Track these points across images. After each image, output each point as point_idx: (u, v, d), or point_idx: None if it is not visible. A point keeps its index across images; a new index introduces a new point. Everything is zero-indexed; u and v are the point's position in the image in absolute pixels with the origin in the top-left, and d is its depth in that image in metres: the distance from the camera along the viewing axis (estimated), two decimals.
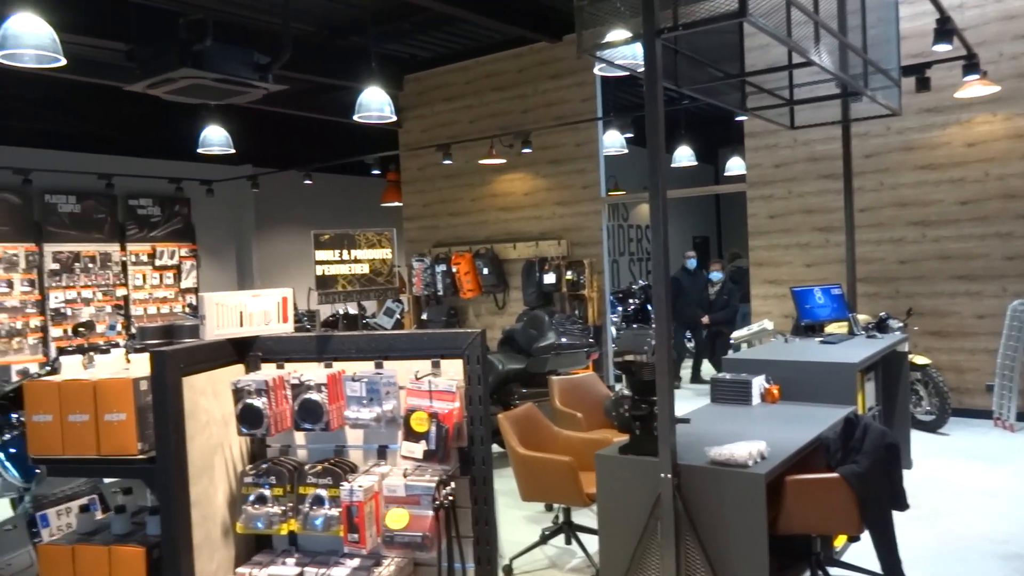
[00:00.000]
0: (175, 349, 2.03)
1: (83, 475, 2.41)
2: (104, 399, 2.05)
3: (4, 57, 5.47)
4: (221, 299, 2.21)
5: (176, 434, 2.00)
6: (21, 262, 11.63)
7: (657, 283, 2.85)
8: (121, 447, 2.04)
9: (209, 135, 9.05)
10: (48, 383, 2.09)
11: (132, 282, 12.85)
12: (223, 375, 2.22)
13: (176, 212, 13.45)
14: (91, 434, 2.05)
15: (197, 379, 2.10)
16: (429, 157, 11.24)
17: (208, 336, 2.20)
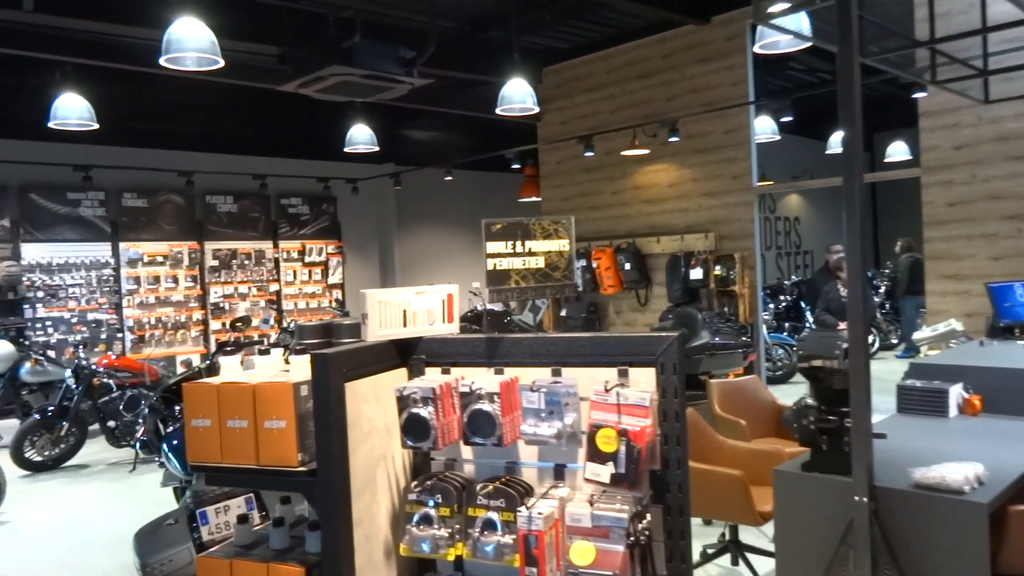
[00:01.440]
0: (338, 352, 1.84)
1: (242, 486, 2.29)
2: (263, 404, 1.89)
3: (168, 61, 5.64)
4: (384, 296, 2.00)
5: (339, 445, 1.81)
6: (185, 259, 12.35)
7: (853, 278, 2.43)
8: (281, 457, 1.87)
9: (355, 134, 9.20)
10: (207, 385, 1.96)
11: (284, 278, 13.39)
12: (386, 380, 2.01)
13: (324, 210, 13.89)
14: (250, 442, 1.90)
15: (360, 384, 1.91)
16: (568, 150, 10.97)
17: (371, 337, 2.01)
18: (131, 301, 11.79)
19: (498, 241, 1.99)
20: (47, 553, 5.33)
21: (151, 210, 11.98)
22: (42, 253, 11.02)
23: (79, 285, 11.33)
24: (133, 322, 11.79)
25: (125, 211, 11.75)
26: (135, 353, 11.46)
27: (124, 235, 11.73)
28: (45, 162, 10.27)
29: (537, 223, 2.02)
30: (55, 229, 11.13)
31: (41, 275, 10.98)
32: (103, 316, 11.54)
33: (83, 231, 11.38)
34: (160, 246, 12.07)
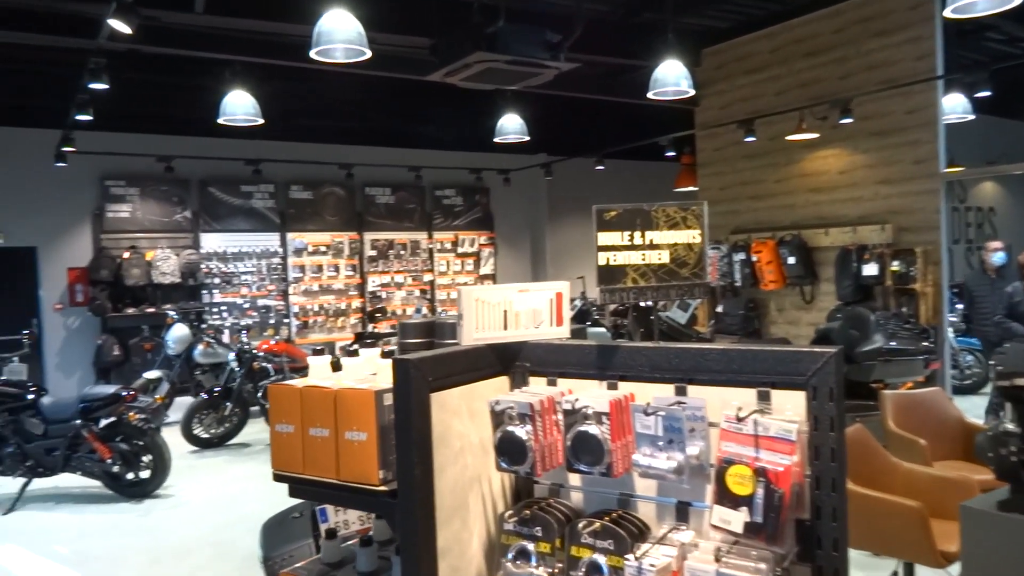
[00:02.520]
0: (422, 357, 1.60)
1: (322, 501, 2.13)
2: (344, 413, 1.70)
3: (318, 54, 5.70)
4: (482, 294, 1.75)
5: (422, 463, 1.58)
6: (345, 249, 12.83)
7: None
8: (361, 473, 1.67)
9: (505, 123, 9.08)
10: (289, 388, 1.79)
11: (437, 268, 13.61)
12: (482, 391, 1.76)
13: (476, 201, 13.98)
14: (331, 453, 1.71)
15: (450, 395, 1.67)
16: (728, 136, 10.29)
17: (465, 340, 1.76)
18: (296, 288, 12.40)
19: (612, 232, 1.67)
20: (200, 529, 5.59)
21: (315, 202, 12.53)
22: (218, 242, 11.80)
23: (251, 273, 12.05)
24: (298, 308, 12.39)
25: (292, 203, 12.36)
26: (300, 338, 12.06)
27: (291, 225, 12.35)
28: (221, 157, 10.95)
29: (661, 210, 1.69)
30: (230, 220, 11.89)
31: (217, 263, 11.76)
32: (272, 302, 12.21)
33: (254, 222, 12.09)
34: (323, 236, 12.60)
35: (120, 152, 10.43)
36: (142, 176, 11.04)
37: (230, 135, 9.86)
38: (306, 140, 11.81)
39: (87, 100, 6.96)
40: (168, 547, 5.26)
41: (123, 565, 4.97)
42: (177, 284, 11.20)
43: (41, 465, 6.30)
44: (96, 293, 10.72)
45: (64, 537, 5.53)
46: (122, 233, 11.07)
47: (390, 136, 12.66)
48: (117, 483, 6.39)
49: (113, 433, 6.30)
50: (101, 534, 5.58)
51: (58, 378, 10.69)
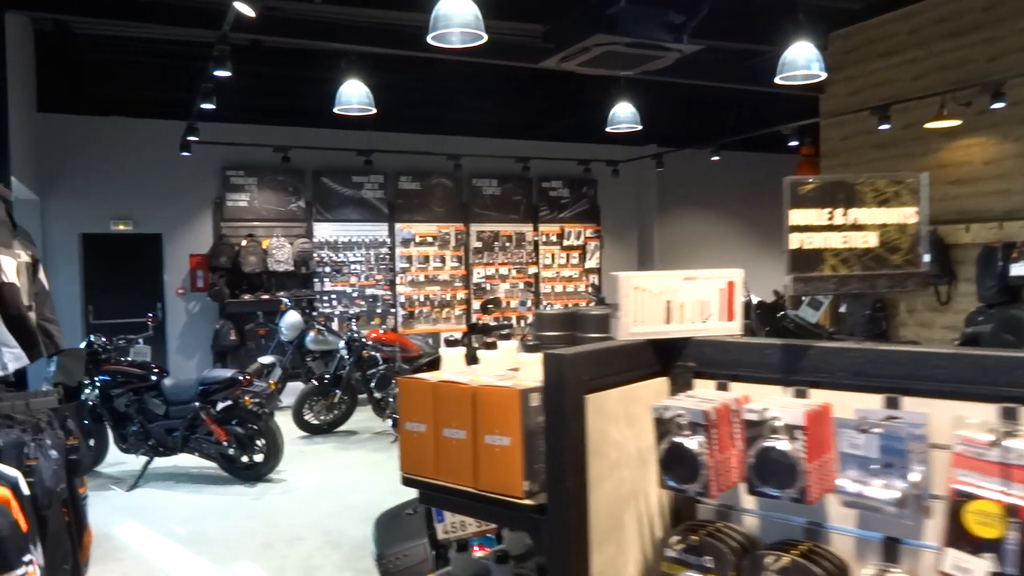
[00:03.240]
0: (579, 352, 1.38)
1: (457, 511, 1.94)
2: (484, 413, 1.49)
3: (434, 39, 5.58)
4: (643, 282, 1.51)
5: (576, 476, 1.36)
6: (452, 240, 12.83)
7: None
8: (503, 483, 1.47)
9: (618, 112, 8.77)
10: (422, 382, 1.61)
11: (542, 261, 13.43)
12: (640, 393, 1.52)
13: (583, 194, 13.70)
14: (468, 459, 1.52)
15: (606, 397, 1.43)
16: (856, 125, 9.62)
17: (622, 334, 1.53)
18: (403, 279, 12.48)
19: (808, 208, 1.40)
20: (310, 516, 5.60)
21: (423, 193, 12.58)
22: (330, 232, 12.02)
23: (360, 262, 12.21)
24: (405, 298, 12.48)
25: (400, 193, 12.44)
26: (406, 328, 12.14)
27: (399, 216, 12.43)
28: (334, 147, 11.11)
29: (868, 183, 1.40)
30: (341, 210, 12.07)
31: (328, 252, 11.97)
32: (379, 292, 12.34)
33: (364, 212, 12.23)
34: (430, 227, 12.64)
35: (240, 143, 10.74)
36: (260, 166, 11.35)
37: (343, 126, 9.97)
38: (416, 131, 11.85)
39: (211, 89, 7.12)
40: (280, 533, 5.28)
41: (237, 548, 5.02)
42: (290, 272, 11.46)
43: (162, 445, 6.49)
44: (215, 279, 11.10)
45: (182, 516, 5.65)
46: (240, 221, 11.41)
47: (498, 127, 12.56)
48: (232, 466, 6.51)
49: (229, 416, 6.42)
50: (217, 516, 5.68)
51: (179, 360, 11.13)
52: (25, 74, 9.82)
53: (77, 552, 3.82)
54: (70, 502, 3.81)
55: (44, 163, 10.30)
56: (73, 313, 10.61)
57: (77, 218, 10.63)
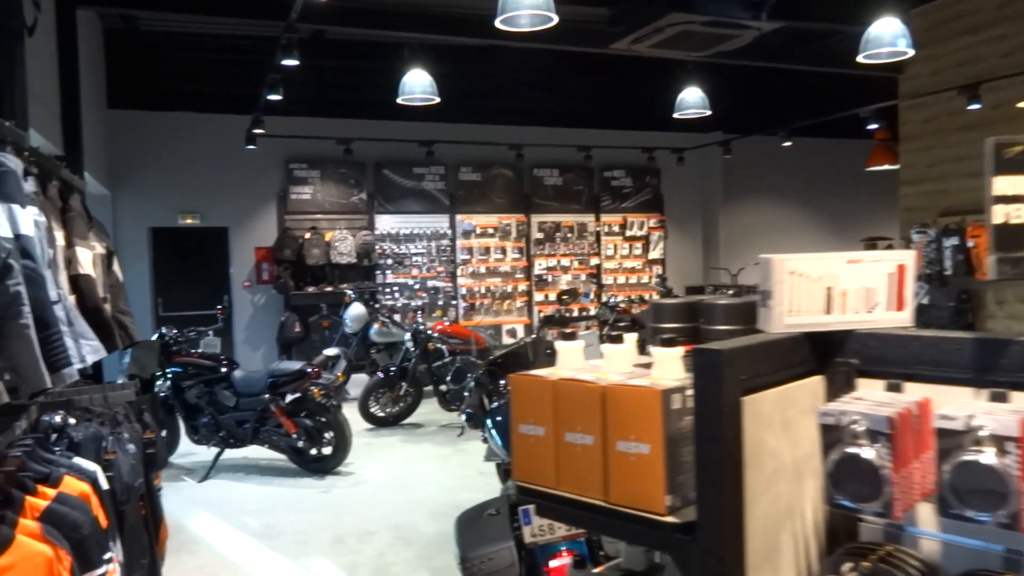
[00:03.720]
0: (736, 348, 1.18)
1: (582, 526, 1.76)
2: (617, 417, 1.31)
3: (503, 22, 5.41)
4: (800, 266, 1.30)
5: (732, 492, 1.17)
6: (513, 231, 12.67)
7: None
8: (639, 497, 1.28)
9: (686, 97, 8.46)
10: (539, 380, 1.43)
11: (604, 252, 13.17)
12: (796, 395, 1.32)
13: (646, 183, 13.39)
14: (597, 468, 1.33)
15: (763, 399, 1.24)
16: (939, 106, 9.11)
17: (775, 326, 1.32)
18: (464, 270, 12.38)
19: (1016, 175, 1.17)
20: (380, 510, 5.51)
21: (484, 183, 12.44)
22: (391, 224, 11.98)
23: (421, 254, 12.15)
24: (466, 290, 12.38)
25: (461, 184, 12.33)
26: (466, 320, 12.04)
27: (460, 207, 12.33)
28: (396, 139, 11.05)
29: None
30: (402, 201, 12.03)
31: (390, 244, 11.94)
32: (440, 284, 12.27)
33: (426, 203, 12.17)
34: (491, 218, 12.50)
35: (303, 135, 10.76)
36: (323, 159, 11.37)
37: (405, 117, 9.88)
38: (477, 122, 11.71)
39: (278, 80, 7.08)
40: (351, 527, 5.20)
41: (309, 542, 4.96)
42: (353, 264, 11.47)
43: (232, 436, 6.50)
44: (280, 272, 11.17)
45: (253, 509, 5.63)
46: (304, 214, 11.46)
47: (560, 116, 12.34)
48: (301, 458, 6.49)
49: (298, 408, 6.39)
50: (287, 508, 5.64)
51: (245, 352, 11.25)
52: (96, 72, 10.00)
53: (154, 546, 3.79)
54: (147, 495, 3.78)
55: (115, 159, 10.49)
56: (144, 305, 10.80)
57: (147, 212, 10.81)
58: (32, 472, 2.56)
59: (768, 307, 1.34)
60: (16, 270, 2.19)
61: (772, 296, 1.32)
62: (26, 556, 2.07)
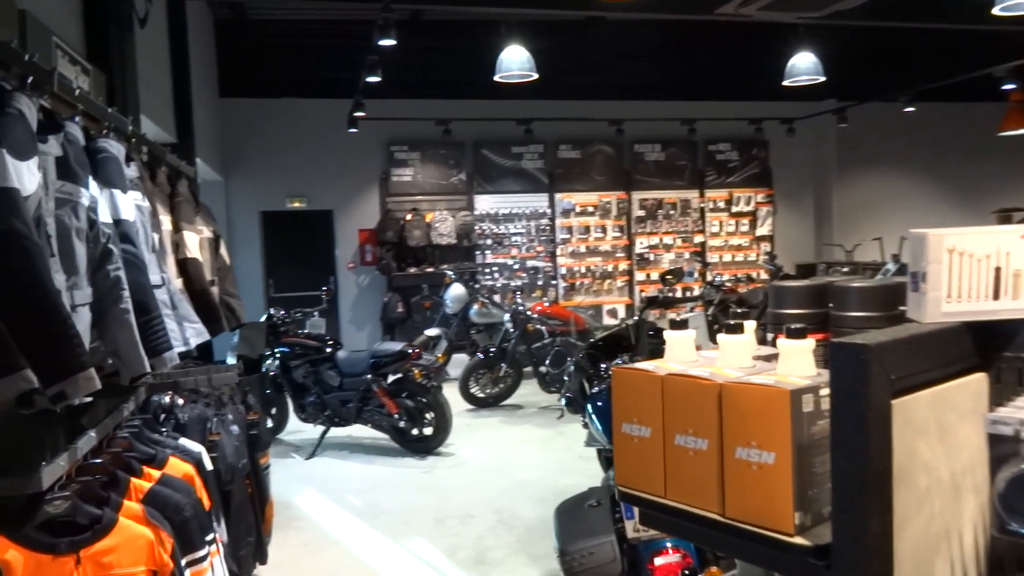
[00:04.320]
0: (885, 342, 0.99)
1: (694, 540, 1.59)
2: (737, 419, 1.14)
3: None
4: (962, 242, 1.09)
5: (880, 512, 0.98)
6: (613, 209, 12.40)
7: None
8: (763, 513, 1.11)
9: (797, 63, 7.96)
10: (646, 375, 1.27)
11: (708, 229, 12.71)
12: (954, 396, 1.11)
13: (753, 156, 12.80)
14: (711, 477, 1.17)
15: (916, 403, 1.04)
16: None
17: (930, 315, 1.12)
18: (564, 250, 12.23)
19: None
20: (481, 493, 5.48)
21: (583, 161, 12.22)
22: (490, 204, 11.95)
23: (520, 234, 12.07)
24: (565, 270, 12.23)
25: (560, 162, 12.15)
26: (566, 301, 11.90)
27: (559, 186, 12.16)
28: (494, 118, 10.97)
29: None
30: (501, 181, 11.96)
31: (489, 224, 11.91)
32: (540, 264, 12.16)
33: (524, 183, 12.06)
34: (590, 196, 12.27)
35: (403, 117, 10.84)
36: (422, 140, 11.43)
37: (503, 96, 9.77)
38: (575, 98, 11.48)
39: (376, 62, 7.10)
40: (451, 509, 5.19)
41: (410, 522, 4.97)
42: (453, 245, 11.51)
43: (337, 415, 6.62)
44: (383, 253, 11.34)
45: (356, 487, 5.71)
46: (405, 196, 11.57)
47: (661, 89, 11.94)
48: (403, 438, 6.54)
49: (400, 389, 6.43)
50: (390, 488, 5.69)
51: (350, 332, 11.51)
52: (208, 62, 10.36)
53: (260, 524, 3.87)
54: (253, 475, 3.86)
55: (227, 146, 10.87)
56: (255, 287, 11.22)
57: (257, 197, 11.17)
58: (138, 453, 2.61)
59: (921, 292, 1.13)
60: (116, 255, 2.20)
61: (926, 279, 1.11)
62: (128, 539, 2.09)
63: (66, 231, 1.98)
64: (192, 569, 2.39)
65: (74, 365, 1.66)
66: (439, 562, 4.39)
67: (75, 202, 2.04)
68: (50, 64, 3.40)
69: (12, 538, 1.90)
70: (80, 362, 1.67)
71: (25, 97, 1.88)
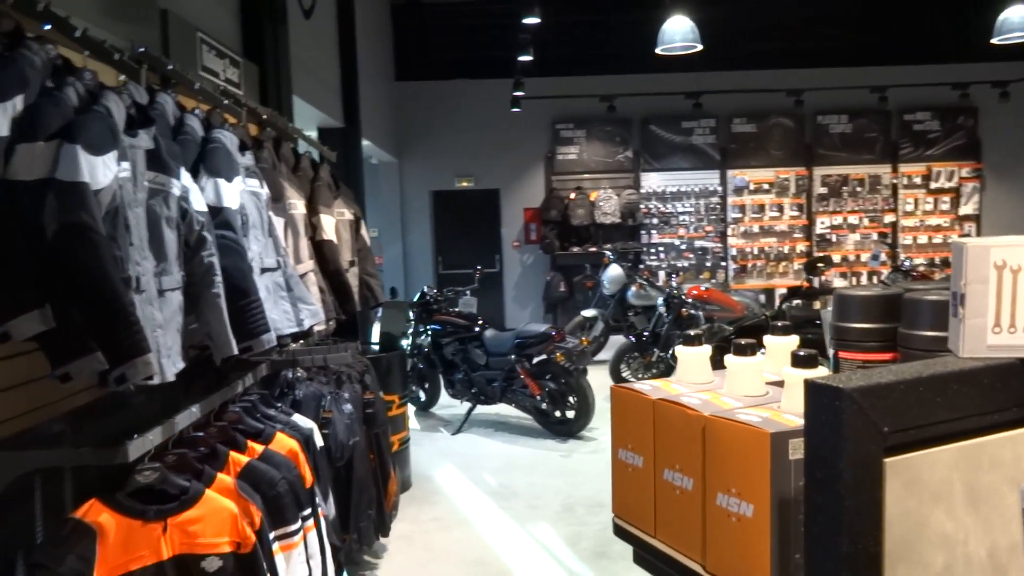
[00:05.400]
0: (870, 386, 0.78)
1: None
2: (718, 460, 0.96)
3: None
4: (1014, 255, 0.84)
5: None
6: (791, 186, 11.61)
7: None
8: (739, 572, 0.93)
9: (1010, 16, 6.98)
10: (638, 397, 1.12)
11: (901, 207, 11.55)
12: (996, 453, 0.87)
13: (958, 125, 11.43)
14: (695, 520, 1.00)
15: (930, 460, 0.82)
16: None
17: (969, 348, 0.88)
18: (735, 230, 11.65)
19: None
20: None
21: (759, 135, 11.52)
22: (657, 182, 11.61)
23: (688, 213, 11.64)
24: (736, 251, 11.65)
25: (734, 137, 11.54)
26: (737, 283, 11.34)
27: (732, 162, 11.57)
28: (661, 92, 10.59)
29: None
30: (669, 158, 11.57)
31: (656, 203, 11.58)
32: (708, 244, 11.67)
33: (694, 159, 11.59)
34: (766, 173, 11.57)
35: (567, 95, 10.74)
36: (588, 118, 11.28)
37: (669, 69, 9.39)
38: (749, 67, 10.80)
39: (528, 40, 7.05)
40: (582, 496, 5.11)
41: (539, 506, 4.95)
42: (617, 224, 11.31)
43: (483, 393, 6.73)
44: (546, 232, 11.38)
45: (493, 466, 5.77)
46: (569, 174, 11.50)
47: (847, 54, 10.93)
48: (545, 419, 6.53)
49: (543, 371, 6.42)
50: (525, 469, 5.70)
51: (514, 310, 11.69)
52: (384, 47, 10.84)
53: (383, 499, 4.01)
54: (376, 451, 4.00)
55: (400, 128, 11.34)
56: (426, 263, 11.68)
57: (428, 177, 11.59)
58: (247, 427, 2.76)
59: (960, 319, 0.89)
60: (210, 242, 2.31)
61: (966, 301, 0.87)
62: (213, 511, 2.21)
63: (156, 219, 2.10)
64: (281, 543, 2.50)
65: (133, 350, 1.75)
66: (560, 550, 4.33)
67: (166, 192, 2.16)
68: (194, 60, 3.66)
69: (107, 503, 2.06)
70: (139, 348, 1.76)
71: (113, 94, 2.00)
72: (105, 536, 2.03)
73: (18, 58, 1.85)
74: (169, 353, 2.10)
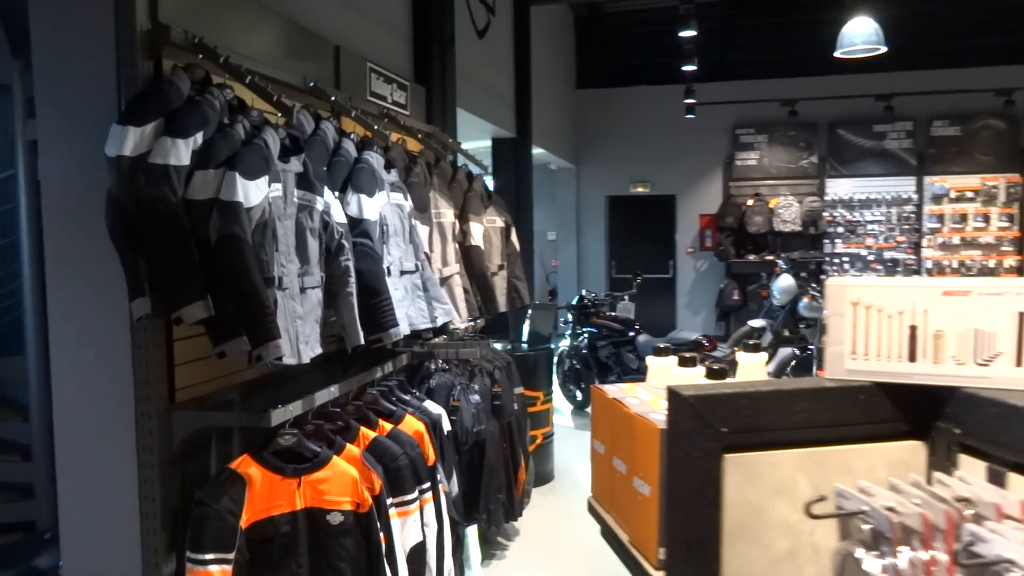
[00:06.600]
0: (710, 395, 0.98)
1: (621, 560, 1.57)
2: (633, 449, 1.18)
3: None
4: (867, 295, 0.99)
5: (707, 565, 0.98)
6: (1000, 194, 10.60)
7: None
8: (640, 541, 1.14)
9: None
10: (603, 396, 1.35)
11: None
12: (850, 461, 1.01)
13: None
14: (627, 499, 1.22)
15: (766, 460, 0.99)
16: None
17: (831, 370, 1.03)
18: (931, 241, 10.82)
19: None
20: None
21: (964, 139, 10.60)
22: (845, 188, 11.05)
23: (878, 222, 10.98)
24: (932, 264, 10.81)
25: (933, 141, 10.72)
26: None
27: (930, 168, 10.75)
28: (848, 95, 10.10)
29: None
30: (858, 164, 10.97)
31: (842, 210, 11.04)
32: (900, 255, 10.94)
33: (887, 165, 10.90)
34: (970, 179, 10.63)
35: (747, 100, 10.54)
36: (769, 122, 10.99)
37: (857, 70, 8.95)
38: (949, 66, 9.99)
39: (692, 50, 7.10)
40: None
41: None
42: (797, 232, 10.92)
43: None
44: (722, 239, 11.23)
45: None
46: (747, 180, 11.26)
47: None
48: None
49: None
50: None
51: (686, 316, 11.65)
52: (566, 57, 11.25)
53: (512, 485, 4.33)
54: (510, 440, 4.33)
55: (579, 134, 11.69)
56: (599, 267, 11.96)
57: (604, 182, 11.84)
58: (381, 408, 3.20)
59: (823, 345, 1.04)
60: (347, 248, 2.76)
61: (828, 331, 1.02)
62: (338, 474, 2.64)
63: (302, 230, 2.57)
64: (398, 509, 2.89)
65: (265, 336, 2.20)
66: None
67: (311, 207, 2.62)
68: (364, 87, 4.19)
69: (255, 458, 2.55)
70: (270, 334, 2.20)
71: (271, 129, 2.48)
72: (252, 485, 2.52)
73: (202, 102, 2.37)
74: (307, 340, 2.56)
